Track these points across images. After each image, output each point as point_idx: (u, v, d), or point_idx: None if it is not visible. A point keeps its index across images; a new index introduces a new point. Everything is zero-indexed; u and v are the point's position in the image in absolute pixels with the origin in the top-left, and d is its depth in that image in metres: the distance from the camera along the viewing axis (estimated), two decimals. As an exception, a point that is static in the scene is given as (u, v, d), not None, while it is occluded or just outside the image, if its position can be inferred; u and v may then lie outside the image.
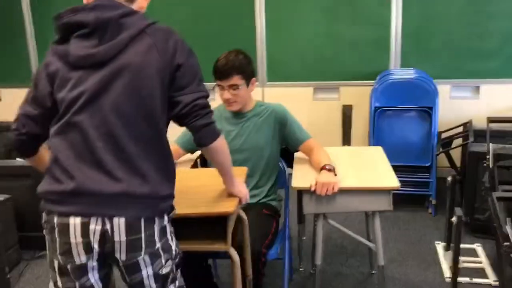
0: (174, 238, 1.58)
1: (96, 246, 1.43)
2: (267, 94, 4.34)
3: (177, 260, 1.58)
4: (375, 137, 3.63)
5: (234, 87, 2.32)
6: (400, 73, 3.78)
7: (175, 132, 2.36)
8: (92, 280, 1.50)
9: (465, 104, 4.00)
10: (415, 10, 3.94)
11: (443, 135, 3.74)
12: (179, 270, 1.61)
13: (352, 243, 3.16)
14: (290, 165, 2.51)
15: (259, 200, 2.44)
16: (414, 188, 3.62)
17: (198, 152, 2.65)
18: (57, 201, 1.44)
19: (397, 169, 3.55)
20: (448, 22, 3.92)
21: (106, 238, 1.43)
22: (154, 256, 1.49)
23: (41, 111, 1.51)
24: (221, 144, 1.64)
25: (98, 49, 1.42)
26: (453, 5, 3.87)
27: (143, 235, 1.45)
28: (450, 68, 3.98)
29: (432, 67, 3.98)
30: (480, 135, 3.25)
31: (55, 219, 1.44)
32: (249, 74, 2.36)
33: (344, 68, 4.16)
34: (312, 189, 2.10)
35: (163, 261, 1.52)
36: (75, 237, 1.42)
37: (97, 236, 1.42)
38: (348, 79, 4.17)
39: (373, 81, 3.85)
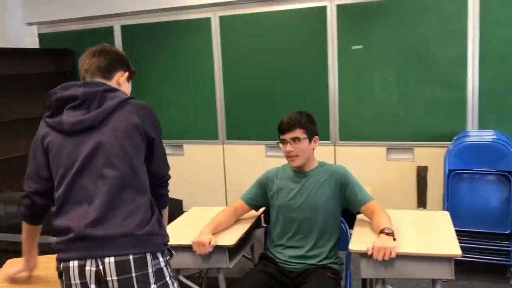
0: (175, 283, 1.73)
1: (92, 287, 1.59)
2: (338, 153, 4.36)
3: None
4: (450, 201, 3.49)
5: (296, 140, 2.41)
6: (477, 135, 3.65)
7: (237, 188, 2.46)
8: None
9: (551, 168, 3.74)
10: (493, 69, 3.83)
11: (526, 201, 3.52)
12: None
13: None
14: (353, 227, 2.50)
15: (320, 261, 2.43)
16: (492, 257, 3.39)
17: (262, 209, 2.73)
18: (61, 249, 1.65)
19: (473, 235, 3.44)
20: (530, 83, 3.77)
21: (100, 278, 1.59)
22: None
23: (42, 183, 1.74)
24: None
25: (87, 116, 1.68)
26: (535, 64, 3.73)
27: (134, 275, 1.59)
28: (533, 130, 3.78)
29: (514, 128, 3.81)
30: None
31: (61, 265, 1.64)
32: (311, 131, 2.46)
33: (418, 129, 4.10)
34: (369, 253, 2.08)
35: None
36: (74, 278, 1.61)
37: (93, 277, 1.59)
38: (423, 140, 4.09)
39: (449, 143, 3.74)
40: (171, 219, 2.74)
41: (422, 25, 4.00)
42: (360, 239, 2.22)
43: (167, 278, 1.68)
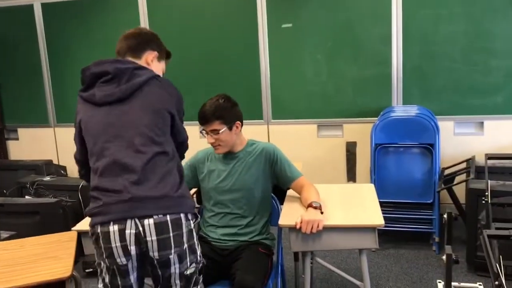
0: (199, 245, 1.87)
1: (132, 248, 1.71)
2: (272, 131, 4.41)
3: (200, 265, 1.85)
4: (377, 174, 3.63)
5: (215, 132, 2.39)
6: (402, 110, 3.80)
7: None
8: (132, 281, 1.78)
9: (469, 140, 3.99)
10: (415, 48, 4.00)
11: (447, 171, 3.73)
12: (201, 276, 1.89)
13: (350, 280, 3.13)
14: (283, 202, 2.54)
15: (253, 237, 2.46)
16: (417, 225, 3.58)
17: (194, 190, 2.72)
18: (99, 212, 1.74)
19: (399, 206, 3.61)
20: (449, 59, 3.95)
21: (140, 239, 1.71)
22: (181, 256, 1.76)
23: (83, 151, 1.88)
24: None
25: (118, 89, 1.80)
26: (454, 42, 3.92)
27: (171, 234, 1.72)
28: (453, 105, 3.99)
29: (435, 103, 4.00)
30: (483, 171, 3.23)
31: (99, 229, 1.73)
32: (230, 118, 2.40)
33: (347, 106, 4.22)
34: (297, 226, 2.12)
35: (188, 262, 1.79)
36: (115, 241, 1.71)
37: (132, 239, 1.70)
38: (351, 116, 4.21)
39: (376, 118, 3.88)
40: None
41: (349, 4, 4.09)
42: (290, 214, 2.26)
43: (195, 239, 1.82)
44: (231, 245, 2.42)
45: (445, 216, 2.73)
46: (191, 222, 1.80)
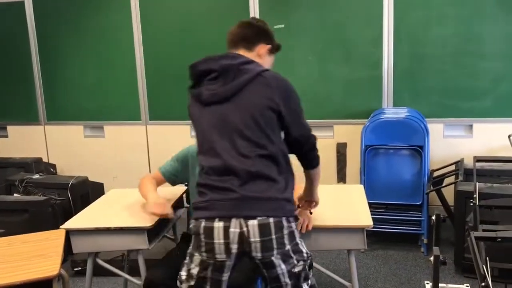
0: (303, 244, 1.85)
1: (234, 246, 1.72)
2: (262, 132, 4.41)
3: (309, 261, 1.84)
4: (367, 175, 3.65)
5: None
6: (392, 112, 3.82)
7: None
8: (224, 278, 1.78)
9: (458, 142, 4.02)
10: (406, 50, 4.02)
11: (436, 173, 3.76)
12: (311, 271, 1.86)
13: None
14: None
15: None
16: (406, 227, 3.61)
17: (179, 187, 2.70)
18: (205, 207, 1.76)
19: (388, 207, 3.63)
20: (440, 62, 3.98)
21: (243, 239, 1.71)
22: (286, 256, 1.75)
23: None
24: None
25: (222, 89, 1.79)
26: (444, 45, 3.94)
27: (273, 236, 1.72)
28: (443, 107, 4.02)
29: (425, 106, 4.03)
30: (472, 173, 3.26)
31: (202, 223, 1.74)
32: None
33: (337, 107, 4.23)
34: (287, 226, 2.13)
35: (295, 261, 1.78)
36: (218, 238, 1.72)
37: (236, 238, 1.71)
38: (342, 118, 4.23)
39: (366, 120, 3.90)
40: (93, 200, 2.68)
41: (341, 6, 4.10)
42: (279, 214, 2.26)
43: (297, 239, 1.81)
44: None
45: (433, 217, 2.74)
46: (292, 224, 1.80)
